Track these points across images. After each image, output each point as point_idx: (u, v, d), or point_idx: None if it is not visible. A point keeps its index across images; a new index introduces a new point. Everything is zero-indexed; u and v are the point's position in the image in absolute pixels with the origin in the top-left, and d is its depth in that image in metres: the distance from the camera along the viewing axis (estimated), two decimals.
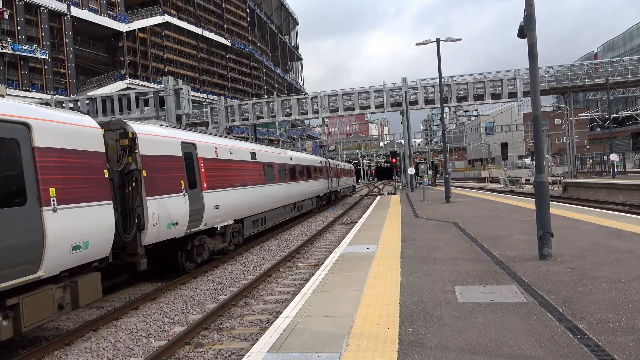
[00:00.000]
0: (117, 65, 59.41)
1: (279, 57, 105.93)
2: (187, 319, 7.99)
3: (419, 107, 36.88)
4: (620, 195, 24.66)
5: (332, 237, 16.67)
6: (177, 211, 9.90)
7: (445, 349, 4.46)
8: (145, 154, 9.14)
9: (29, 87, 45.97)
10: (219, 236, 12.64)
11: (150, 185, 9.10)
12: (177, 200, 9.95)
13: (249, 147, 15.83)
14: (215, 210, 11.75)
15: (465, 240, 10.55)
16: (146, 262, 9.06)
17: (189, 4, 72.38)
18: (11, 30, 45.37)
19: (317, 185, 27.53)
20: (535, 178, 8.39)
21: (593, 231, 10.75)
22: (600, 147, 49.75)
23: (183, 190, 10.21)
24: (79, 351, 6.75)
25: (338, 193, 37.00)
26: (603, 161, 42.59)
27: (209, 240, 11.92)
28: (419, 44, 25.14)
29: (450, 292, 6.39)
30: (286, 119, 39.79)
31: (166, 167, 9.82)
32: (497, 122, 68.23)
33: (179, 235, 10.20)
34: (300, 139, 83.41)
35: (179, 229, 10.02)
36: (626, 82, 37.94)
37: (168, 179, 9.78)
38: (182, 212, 10.06)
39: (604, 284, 6.30)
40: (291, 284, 10.04)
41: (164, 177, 9.66)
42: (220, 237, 12.68)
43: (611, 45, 75.80)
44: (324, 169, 30.38)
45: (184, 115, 35.47)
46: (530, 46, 8.11)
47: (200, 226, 11.10)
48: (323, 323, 5.46)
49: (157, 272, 11.40)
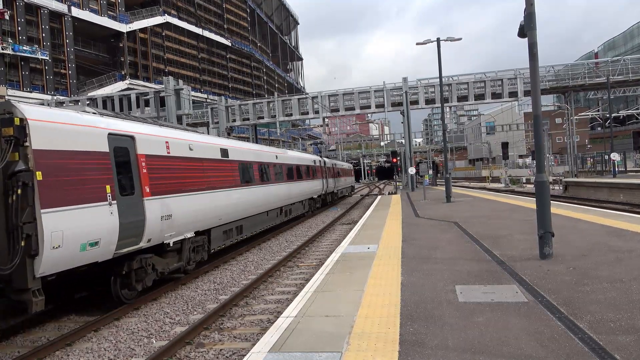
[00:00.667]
0: (118, 65, 59.44)
1: (280, 57, 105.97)
2: (188, 319, 8.00)
3: (419, 106, 36.86)
4: (621, 194, 24.64)
5: (333, 237, 16.67)
6: (98, 226, 7.45)
7: (446, 349, 4.46)
8: (43, 148, 6.76)
9: (29, 87, 46.01)
10: (173, 253, 10.16)
11: (50, 192, 6.70)
12: (98, 211, 7.49)
13: (218, 143, 13.29)
14: (164, 222, 9.29)
15: (466, 240, 10.55)
16: (43, 300, 6.63)
17: (189, 4, 72.41)
18: (12, 31, 45.41)
19: (310, 186, 25.22)
20: (536, 177, 8.39)
21: (594, 230, 10.74)
22: (601, 146, 49.71)
23: (109, 198, 7.73)
24: (80, 351, 6.75)
25: (335, 194, 35.04)
26: (604, 160, 42.51)
27: (158, 260, 9.44)
28: (419, 43, 25.14)
29: (451, 291, 6.39)
30: (287, 119, 39.78)
31: (80, 167, 7.35)
32: (497, 122, 68.20)
33: (105, 258, 7.80)
34: (301, 139, 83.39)
35: (102, 250, 7.60)
36: (627, 81, 37.92)
37: (82, 184, 7.31)
38: (106, 227, 7.62)
39: (605, 284, 6.30)
40: (292, 283, 10.05)
41: (76, 181, 7.22)
42: (174, 254, 10.21)
43: (612, 45, 75.72)
44: (319, 168, 28.31)
45: (184, 116, 35.49)
46: (530, 45, 8.11)
47: (141, 243, 8.64)
48: (324, 323, 5.46)
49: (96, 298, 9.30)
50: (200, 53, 73.55)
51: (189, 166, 10.78)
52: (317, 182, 27.22)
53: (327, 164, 31.97)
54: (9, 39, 44.21)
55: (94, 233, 7.36)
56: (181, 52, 69.45)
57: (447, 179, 23.50)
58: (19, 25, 45.69)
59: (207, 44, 75.09)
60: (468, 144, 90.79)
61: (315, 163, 27.62)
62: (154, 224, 8.96)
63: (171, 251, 9.98)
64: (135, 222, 8.45)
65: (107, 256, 7.83)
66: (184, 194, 10.27)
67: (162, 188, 9.41)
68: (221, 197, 12.42)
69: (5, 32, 44.68)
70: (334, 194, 34.34)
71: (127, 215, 8.15)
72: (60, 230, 6.79)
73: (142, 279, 8.95)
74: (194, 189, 10.76)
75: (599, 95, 48.91)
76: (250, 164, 15.55)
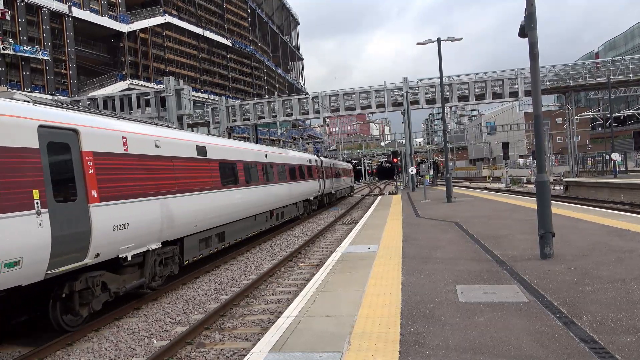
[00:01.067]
0: (119, 65, 59.51)
1: (280, 57, 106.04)
2: (188, 319, 8.00)
3: (420, 106, 36.88)
4: (622, 194, 24.62)
5: (334, 237, 16.67)
6: (19, 242, 5.96)
7: (446, 349, 4.46)
8: None
9: (30, 87, 46.05)
10: (133, 268, 8.69)
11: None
12: (19, 222, 5.98)
13: (194, 140, 11.63)
14: (119, 233, 7.86)
15: (466, 240, 10.54)
16: None
17: (189, 4, 72.47)
18: (12, 31, 45.50)
19: (305, 187, 23.77)
20: (537, 177, 8.39)
21: (595, 230, 10.73)
22: (601, 146, 49.68)
23: (37, 206, 6.25)
24: (81, 351, 6.76)
25: (333, 195, 33.62)
26: (605, 160, 42.48)
27: (111, 278, 7.98)
28: (420, 43, 25.14)
29: (451, 291, 6.39)
30: (287, 119, 39.81)
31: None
32: (498, 122, 68.20)
33: (32, 280, 6.35)
34: (302, 139, 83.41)
35: (27, 270, 6.15)
36: (628, 81, 37.90)
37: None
38: (32, 243, 6.15)
39: (606, 284, 6.30)
40: (293, 283, 10.05)
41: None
42: (135, 269, 8.74)
43: (612, 45, 75.69)
44: (314, 168, 26.68)
45: (185, 116, 35.53)
46: (531, 45, 8.11)
47: (87, 259, 7.18)
48: (325, 323, 5.46)
49: None
50: (200, 53, 73.61)
51: (154, 166, 9.28)
52: (312, 183, 25.81)
53: (324, 163, 30.60)
54: (9, 39, 44.29)
55: (13, 250, 5.88)
56: (182, 52, 69.51)
57: (448, 179, 23.49)
58: (19, 26, 45.78)
59: (207, 44, 75.16)
60: (469, 144, 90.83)
61: (311, 162, 26.19)
62: (104, 235, 7.48)
63: (130, 266, 8.51)
64: (77, 234, 6.98)
65: (35, 278, 6.37)
66: (146, 198, 8.79)
67: (116, 192, 7.94)
68: (197, 201, 10.89)
69: (6, 32, 44.75)
70: (331, 195, 33.10)
71: (64, 226, 6.71)
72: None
73: (89, 302, 7.46)
74: (161, 193, 9.31)
75: (599, 95, 48.88)
76: (234, 163, 13.95)
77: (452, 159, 78.85)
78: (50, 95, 45.44)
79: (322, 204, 29.95)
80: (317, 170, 27.44)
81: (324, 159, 31.64)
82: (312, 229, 19.84)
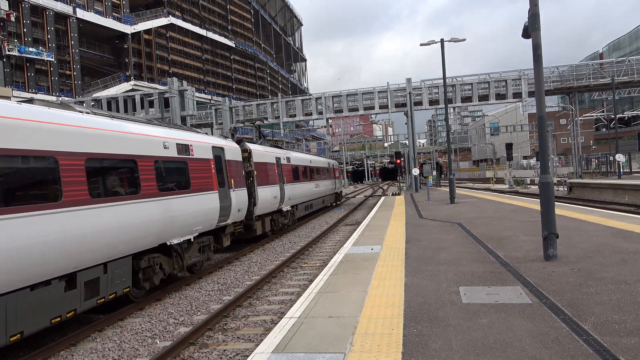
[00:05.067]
0: (122, 66, 59.69)
1: (283, 58, 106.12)
2: (192, 320, 8.02)
3: (423, 107, 36.82)
4: (626, 195, 24.52)
5: (337, 238, 16.67)
6: None
7: (449, 350, 4.45)
8: None
9: (35, 88, 46.28)
10: None
11: None
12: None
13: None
14: None
15: (470, 241, 10.52)
16: None
17: (193, 5, 72.64)
18: (17, 33, 45.72)
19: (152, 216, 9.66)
20: (540, 178, 8.36)
21: (598, 232, 10.69)
22: (606, 147, 49.52)
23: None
24: (85, 351, 6.78)
25: (290, 215, 19.97)
26: (609, 161, 42.35)
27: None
28: (423, 44, 25.10)
29: (454, 293, 6.38)
30: (290, 120, 39.79)
31: None
32: (501, 123, 68.07)
33: None
34: (305, 140, 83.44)
35: None
36: (632, 82, 37.73)
37: None
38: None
39: (610, 285, 6.27)
40: (296, 284, 10.05)
41: None
42: None
43: (617, 45, 75.44)
44: (228, 168, 13.08)
45: (188, 117, 35.61)
46: (534, 46, 8.09)
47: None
48: (327, 324, 5.46)
49: None
50: (204, 54, 73.73)
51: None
52: (207, 198, 11.72)
53: (255, 156, 16.00)
54: (14, 41, 44.50)
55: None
56: (185, 53, 69.65)
57: (451, 180, 23.46)
58: (24, 27, 46.01)
59: (211, 45, 75.28)
60: (472, 144, 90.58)
61: (208, 156, 11.80)
62: None
63: None
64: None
65: None
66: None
67: None
68: None
69: (11, 33, 44.97)
70: (283, 213, 18.75)
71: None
72: None
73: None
74: None
75: (603, 96, 48.74)
76: None
77: (455, 160, 78.71)
78: (54, 96, 45.67)
79: (249, 229, 15.28)
80: (230, 171, 13.01)
81: (260, 150, 17.00)
82: (315, 229, 19.85)
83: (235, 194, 12.97)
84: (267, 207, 16.61)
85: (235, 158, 13.85)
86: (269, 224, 17.36)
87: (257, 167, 15.99)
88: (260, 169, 16.21)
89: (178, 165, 10.23)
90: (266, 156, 17.42)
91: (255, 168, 15.76)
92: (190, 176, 10.51)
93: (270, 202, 16.90)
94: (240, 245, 14.80)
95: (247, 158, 15.54)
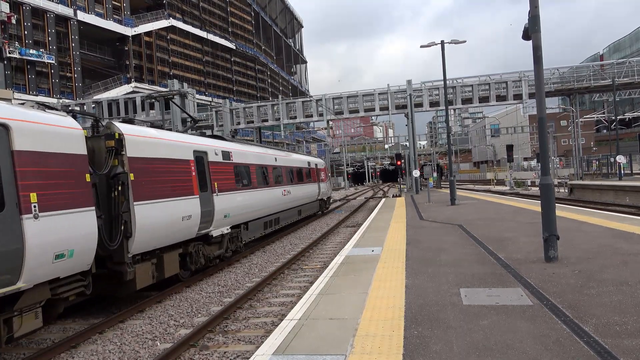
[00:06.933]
0: (123, 68, 59.77)
1: (284, 60, 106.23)
2: (192, 322, 8.01)
3: (423, 109, 36.82)
4: (627, 197, 24.50)
5: (337, 240, 16.67)
6: None
7: (450, 352, 4.45)
8: None
9: (35, 91, 46.34)
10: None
11: None
12: None
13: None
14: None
15: (470, 243, 10.52)
16: None
17: (194, 7, 72.75)
18: (18, 35, 45.80)
19: None
20: (541, 180, 8.36)
21: (599, 233, 10.68)
22: (606, 148, 49.52)
23: None
24: (85, 353, 6.78)
25: (225, 242, 12.63)
26: (609, 163, 42.34)
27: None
28: (423, 46, 25.12)
29: (455, 294, 6.37)
30: (291, 122, 39.80)
31: None
32: (502, 124, 68.07)
33: None
34: (305, 142, 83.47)
35: None
36: (632, 84, 37.73)
37: None
38: None
39: (611, 287, 6.26)
40: (296, 286, 10.05)
41: None
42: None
43: (617, 47, 75.50)
44: None
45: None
46: (535, 48, 8.10)
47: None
48: (328, 325, 5.46)
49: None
50: (204, 56, 73.82)
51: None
52: None
53: (132, 147, 8.87)
54: (15, 43, 44.57)
55: None
56: (186, 55, 69.73)
57: (452, 182, 23.45)
58: (25, 29, 46.10)
59: (211, 47, 75.36)
60: (472, 146, 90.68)
61: None
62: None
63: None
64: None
65: None
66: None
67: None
68: None
69: (12, 36, 45.04)
70: (224, 240, 12.63)
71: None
72: None
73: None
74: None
75: (604, 98, 48.77)
76: None
77: (456, 161, 78.70)
78: (55, 98, 45.72)
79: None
80: None
81: (128, 130, 9.10)
82: (315, 231, 19.84)
83: (38, 224, 6.15)
84: (162, 236, 9.48)
85: (44, 147, 6.54)
86: (174, 265, 10.10)
87: (138, 167, 8.89)
88: (145, 170, 9.10)
89: None
90: (163, 148, 9.97)
91: (133, 169, 8.69)
92: None
93: (169, 228, 9.72)
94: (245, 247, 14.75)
95: (116, 150, 8.53)
